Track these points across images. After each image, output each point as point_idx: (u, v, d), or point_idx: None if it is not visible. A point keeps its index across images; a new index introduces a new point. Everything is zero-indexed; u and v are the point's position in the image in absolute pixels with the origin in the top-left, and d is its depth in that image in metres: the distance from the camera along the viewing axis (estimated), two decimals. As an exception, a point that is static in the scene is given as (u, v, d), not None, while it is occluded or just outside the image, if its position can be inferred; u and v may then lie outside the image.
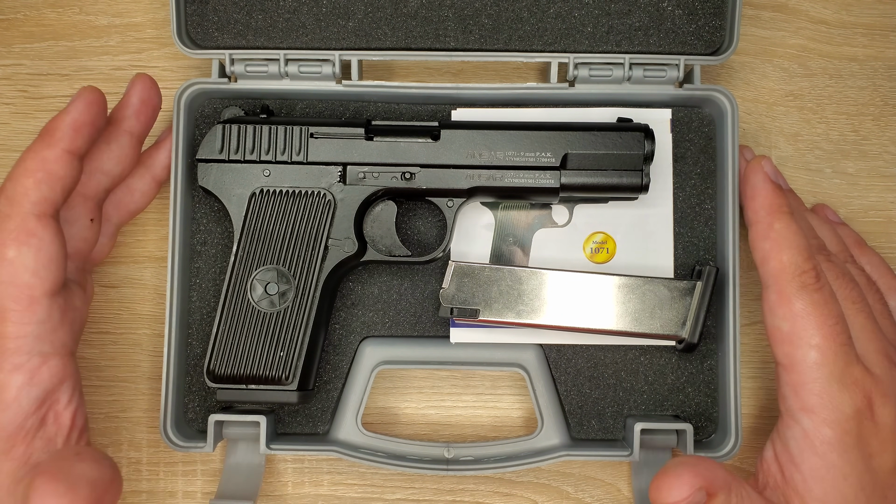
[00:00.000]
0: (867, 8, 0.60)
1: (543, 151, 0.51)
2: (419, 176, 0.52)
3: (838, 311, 0.45)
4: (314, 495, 0.56)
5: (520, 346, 0.55)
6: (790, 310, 0.45)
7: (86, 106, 0.45)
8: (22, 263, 0.42)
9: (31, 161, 0.44)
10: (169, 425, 0.52)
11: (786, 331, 0.45)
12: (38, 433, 0.43)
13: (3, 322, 0.42)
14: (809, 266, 0.45)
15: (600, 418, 0.55)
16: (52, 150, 0.44)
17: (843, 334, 0.45)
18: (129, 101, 0.50)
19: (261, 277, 0.50)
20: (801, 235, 0.46)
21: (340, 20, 0.55)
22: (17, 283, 0.42)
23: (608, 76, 0.55)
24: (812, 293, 0.45)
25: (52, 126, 0.45)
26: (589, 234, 0.55)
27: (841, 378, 0.44)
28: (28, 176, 0.43)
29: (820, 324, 0.44)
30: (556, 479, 0.56)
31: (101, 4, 0.59)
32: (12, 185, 0.43)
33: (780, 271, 0.46)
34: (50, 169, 0.44)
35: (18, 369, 0.42)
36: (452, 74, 0.60)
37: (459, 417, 0.57)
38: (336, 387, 0.55)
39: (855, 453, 0.44)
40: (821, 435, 0.44)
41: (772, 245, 0.46)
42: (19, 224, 0.43)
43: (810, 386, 0.44)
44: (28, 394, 0.42)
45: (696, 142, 0.56)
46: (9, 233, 0.42)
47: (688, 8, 0.55)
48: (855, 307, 0.47)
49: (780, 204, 0.47)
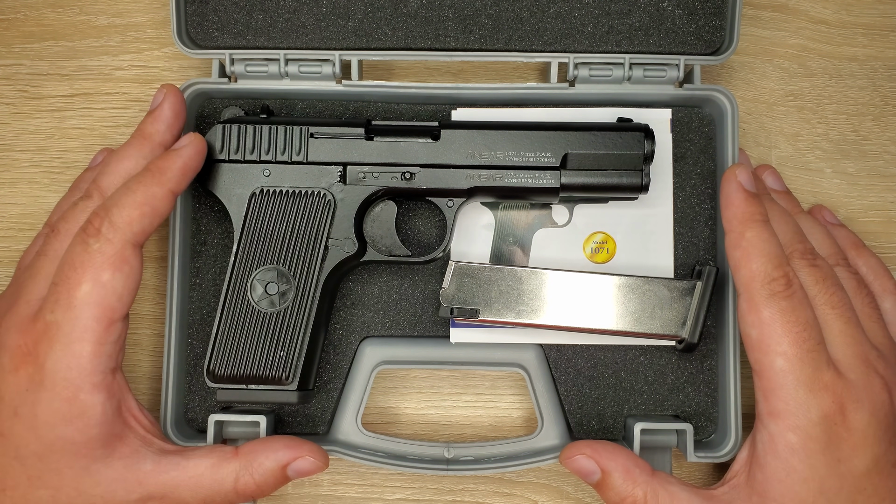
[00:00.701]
0: (867, 8, 0.60)
1: (543, 151, 0.51)
2: (419, 176, 0.52)
3: (807, 316, 0.46)
4: (314, 495, 0.56)
5: (520, 346, 0.55)
6: (758, 317, 0.46)
7: (195, 153, 0.49)
8: (113, 287, 0.45)
9: (141, 195, 0.46)
10: (169, 425, 0.52)
11: (755, 338, 0.46)
12: (130, 433, 0.47)
13: (84, 342, 0.45)
14: (779, 273, 0.46)
15: (600, 418, 0.55)
16: (161, 188, 0.47)
17: (810, 340, 0.45)
18: (163, 113, 0.51)
19: (261, 277, 0.50)
20: (771, 243, 0.47)
21: (340, 20, 0.55)
22: (104, 304, 0.45)
23: (608, 76, 0.55)
24: (780, 301, 0.45)
25: (164, 166, 0.48)
26: (589, 234, 0.55)
27: (809, 384, 0.45)
28: (136, 208, 0.46)
29: (787, 330, 0.45)
30: (556, 479, 0.56)
31: (101, 4, 0.59)
32: (119, 211, 0.46)
33: (750, 279, 0.46)
34: (155, 205, 0.47)
35: (97, 387, 0.45)
36: (452, 74, 0.60)
37: (459, 417, 0.57)
38: (336, 387, 0.55)
39: (820, 458, 0.45)
40: (784, 440, 0.45)
41: (742, 253, 0.47)
42: (119, 251, 0.45)
43: (778, 392, 0.45)
44: (111, 406, 0.46)
45: (696, 142, 0.56)
46: (108, 257, 0.45)
47: (688, 8, 0.55)
48: (834, 312, 0.47)
49: (752, 213, 0.48)
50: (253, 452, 0.48)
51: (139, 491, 0.46)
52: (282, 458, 0.48)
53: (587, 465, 0.49)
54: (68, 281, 0.45)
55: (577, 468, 0.49)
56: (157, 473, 0.47)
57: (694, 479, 0.56)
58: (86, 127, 0.58)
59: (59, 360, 0.44)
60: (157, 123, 0.50)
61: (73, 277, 0.45)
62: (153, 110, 0.51)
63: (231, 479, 0.47)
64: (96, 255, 0.45)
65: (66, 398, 0.44)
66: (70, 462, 0.45)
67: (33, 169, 0.58)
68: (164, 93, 0.51)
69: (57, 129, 0.58)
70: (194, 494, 0.47)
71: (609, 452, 0.48)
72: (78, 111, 0.58)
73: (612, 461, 0.48)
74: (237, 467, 0.47)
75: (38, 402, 0.44)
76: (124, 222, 0.46)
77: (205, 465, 0.47)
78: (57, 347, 0.44)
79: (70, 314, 0.45)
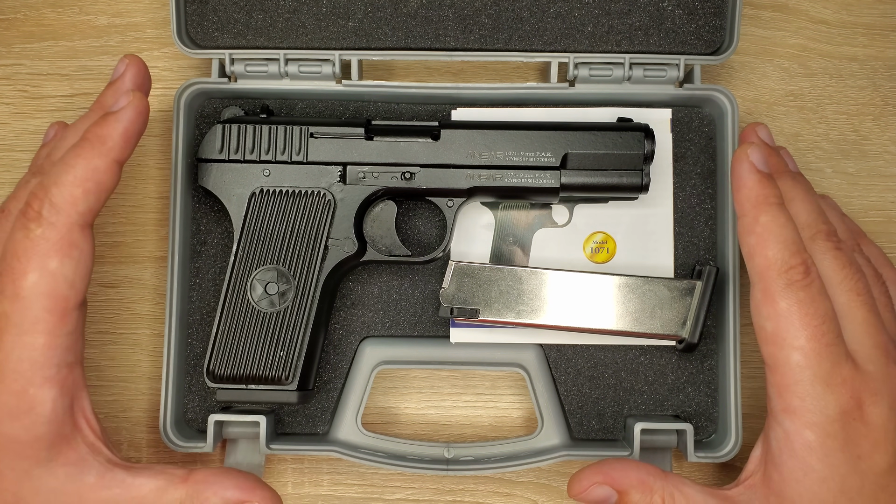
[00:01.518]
0: (867, 8, 0.60)
1: (543, 151, 0.51)
2: (419, 176, 0.52)
3: (826, 308, 0.43)
4: (314, 495, 0.56)
5: (520, 346, 0.55)
6: (774, 309, 0.43)
7: (136, 115, 0.44)
8: (62, 274, 0.42)
9: (81, 169, 0.42)
10: (169, 425, 0.52)
11: (770, 331, 0.44)
12: (79, 437, 0.44)
13: (36, 333, 0.41)
14: (797, 261, 0.43)
15: (600, 418, 0.55)
16: (103, 159, 0.43)
17: (829, 333, 0.43)
18: (124, 84, 0.46)
19: (261, 277, 0.50)
20: (788, 228, 0.44)
21: (340, 20, 0.55)
22: (54, 294, 0.42)
23: (608, 76, 0.55)
24: (798, 291, 0.43)
25: (103, 133, 0.43)
26: (589, 233, 0.55)
27: (826, 379, 0.42)
28: (78, 185, 0.42)
29: (805, 324, 0.42)
30: (556, 479, 0.56)
31: (101, 4, 0.59)
32: (59, 191, 0.42)
33: (766, 268, 0.44)
34: (100, 179, 0.42)
35: (50, 381, 0.42)
36: (452, 74, 0.60)
37: (459, 417, 0.57)
38: (336, 387, 0.55)
39: (839, 456, 0.42)
40: (801, 438, 0.43)
41: (757, 240, 0.44)
42: (65, 234, 0.42)
43: (793, 388, 0.43)
44: (63, 404, 0.43)
45: (697, 141, 0.56)
46: (53, 243, 0.41)
47: (688, 8, 0.55)
48: (859, 300, 0.44)
49: (767, 195, 0.44)
50: (203, 483, 0.44)
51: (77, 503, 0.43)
52: (230, 497, 0.44)
53: (603, 492, 0.46)
54: (13, 271, 0.41)
55: (593, 499, 0.46)
56: (100, 489, 0.43)
57: (694, 478, 0.56)
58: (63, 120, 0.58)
59: (9, 353, 0.41)
60: (117, 95, 0.45)
61: (18, 267, 0.41)
62: (113, 81, 0.47)
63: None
64: (40, 242, 0.41)
65: (15, 392, 0.41)
66: (11, 463, 0.42)
67: (33, 169, 0.58)
68: (126, 63, 0.47)
69: (57, 129, 0.58)
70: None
71: (620, 471, 0.46)
72: (78, 111, 0.58)
73: (626, 479, 0.45)
74: (183, 496, 0.44)
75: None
76: (67, 203, 0.41)
77: (150, 487, 0.44)
78: (6, 339, 0.41)
79: (18, 305, 0.41)
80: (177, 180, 0.53)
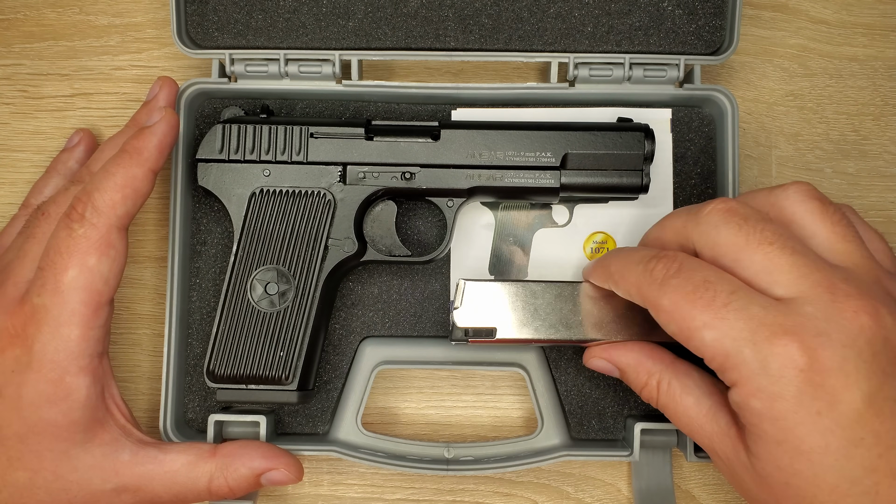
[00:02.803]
0: (867, 8, 0.60)
1: (543, 151, 0.51)
2: (419, 176, 0.51)
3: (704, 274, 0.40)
4: (314, 495, 0.56)
5: (520, 347, 0.55)
6: (664, 311, 0.41)
7: (169, 129, 0.49)
8: (99, 272, 0.45)
9: (121, 177, 0.47)
10: (169, 425, 0.52)
11: (676, 330, 0.41)
12: (111, 420, 0.48)
13: (73, 325, 0.45)
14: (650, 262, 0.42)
15: (600, 418, 0.55)
16: (141, 168, 0.47)
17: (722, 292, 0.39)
18: (158, 104, 0.51)
19: (261, 277, 0.50)
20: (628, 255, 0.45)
21: (340, 20, 0.55)
22: (91, 289, 0.45)
23: (608, 76, 0.55)
24: (669, 281, 0.41)
25: (139, 145, 0.48)
26: (589, 233, 0.55)
27: (750, 338, 0.38)
28: (118, 191, 0.46)
29: (692, 301, 0.40)
30: (556, 479, 0.56)
31: (101, 4, 0.59)
32: (101, 196, 0.46)
33: (635, 288, 0.43)
34: (137, 186, 0.47)
35: (84, 370, 0.46)
36: (452, 74, 0.60)
37: (459, 417, 0.57)
38: (336, 387, 0.55)
39: (793, 417, 0.38)
40: (749, 409, 0.39)
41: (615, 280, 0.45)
42: (104, 235, 0.46)
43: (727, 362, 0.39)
44: (95, 391, 0.46)
45: (697, 142, 0.56)
46: (93, 242, 0.45)
47: (688, 8, 0.55)
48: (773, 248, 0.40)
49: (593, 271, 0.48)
50: (230, 456, 0.49)
51: (115, 481, 0.46)
52: (257, 466, 0.49)
53: (603, 365, 0.49)
54: (55, 266, 0.45)
55: (596, 368, 0.49)
56: (134, 465, 0.47)
57: (694, 478, 0.56)
58: (86, 127, 0.58)
59: (47, 343, 0.45)
60: (150, 112, 0.50)
61: (60, 262, 0.45)
62: (149, 101, 0.52)
63: (205, 480, 0.48)
64: (81, 241, 0.45)
65: (52, 380, 0.45)
66: (51, 444, 0.45)
67: (33, 169, 0.58)
68: (161, 85, 0.52)
69: (57, 129, 0.58)
70: (167, 490, 0.47)
71: (622, 351, 0.48)
72: (78, 111, 0.58)
73: (623, 359, 0.47)
74: (212, 468, 0.48)
75: (24, 383, 0.45)
76: (107, 206, 0.46)
77: (181, 462, 0.48)
78: (45, 330, 0.45)
79: (58, 298, 0.45)
80: (177, 180, 0.53)
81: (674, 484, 0.54)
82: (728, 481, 0.45)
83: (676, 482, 0.56)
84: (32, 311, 0.45)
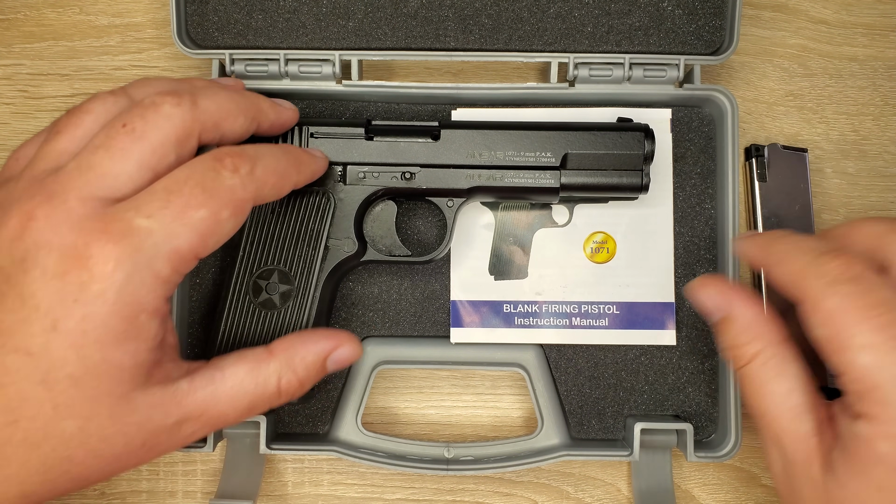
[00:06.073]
0: (867, 8, 0.60)
1: (543, 151, 0.51)
2: (419, 176, 0.51)
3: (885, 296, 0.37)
4: (314, 495, 0.56)
5: (520, 346, 0.55)
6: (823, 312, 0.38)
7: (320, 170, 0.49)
8: (221, 228, 0.41)
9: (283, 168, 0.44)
10: (169, 425, 0.52)
11: (826, 337, 0.38)
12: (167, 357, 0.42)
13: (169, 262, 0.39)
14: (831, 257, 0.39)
15: (600, 418, 0.55)
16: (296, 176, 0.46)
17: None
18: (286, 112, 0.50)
19: (261, 277, 0.50)
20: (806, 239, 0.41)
21: (340, 20, 0.55)
22: (204, 237, 0.41)
23: (608, 76, 0.55)
24: (843, 285, 0.38)
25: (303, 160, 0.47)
26: (589, 233, 0.55)
27: None
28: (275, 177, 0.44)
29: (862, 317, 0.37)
30: (556, 479, 0.56)
31: (101, 4, 0.59)
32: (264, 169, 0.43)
33: (798, 276, 0.40)
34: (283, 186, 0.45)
35: (158, 312, 0.40)
36: (452, 74, 0.60)
37: (459, 417, 0.57)
38: (336, 386, 0.55)
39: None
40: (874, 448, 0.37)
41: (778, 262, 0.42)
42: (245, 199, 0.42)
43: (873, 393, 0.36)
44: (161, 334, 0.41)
45: (697, 141, 0.56)
46: (236, 199, 0.41)
47: (688, 8, 0.55)
48: None
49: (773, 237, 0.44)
50: (290, 349, 0.44)
51: (176, 413, 0.41)
52: (322, 349, 0.45)
53: (712, 304, 0.44)
54: (189, 196, 0.39)
55: (700, 304, 0.45)
56: (194, 391, 0.42)
57: (694, 478, 0.56)
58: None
59: (133, 274, 0.38)
60: (280, 109, 0.48)
61: (197, 197, 0.39)
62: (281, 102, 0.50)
63: (274, 381, 0.44)
64: (225, 190, 0.40)
65: (126, 317, 0.38)
66: (110, 388, 0.39)
67: (33, 169, 0.58)
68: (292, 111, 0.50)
69: (57, 129, 0.58)
70: (235, 406, 0.43)
71: (742, 300, 0.43)
72: (78, 111, 0.58)
73: (741, 309, 0.43)
74: (278, 366, 0.44)
75: (91, 317, 0.37)
76: (261, 180, 0.42)
77: (241, 374, 0.43)
78: (137, 259, 0.38)
79: (170, 229, 0.39)
80: (177, 180, 0.53)
81: (674, 484, 0.54)
82: (771, 474, 0.43)
83: (676, 482, 0.56)
84: (128, 231, 0.38)
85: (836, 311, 0.37)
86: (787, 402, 0.40)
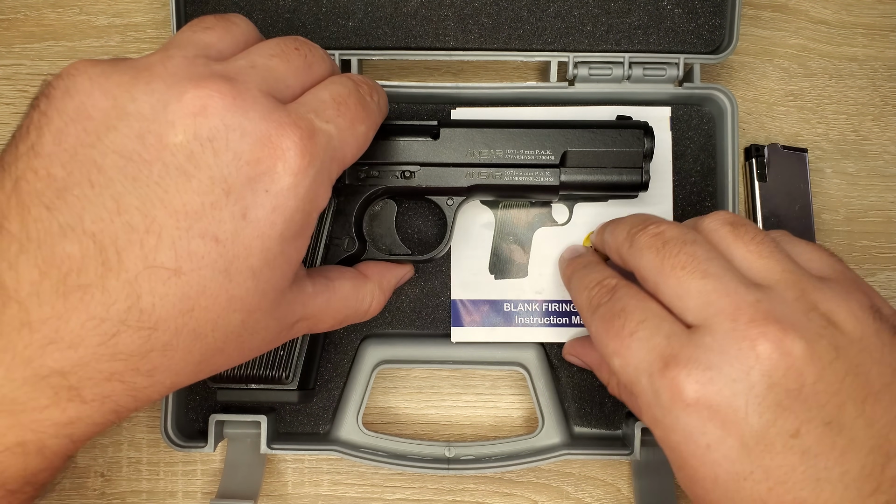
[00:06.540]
0: (867, 8, 0.60)
1: (543, 149, 0.51)
2: (419, 174, 0.51)
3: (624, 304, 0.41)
4: (314, 495, 0.56)
5: (520, 346, 0.55)
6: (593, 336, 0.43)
7: None
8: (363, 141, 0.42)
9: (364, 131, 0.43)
10: (169, 425, 0.52)
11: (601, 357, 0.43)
12: None
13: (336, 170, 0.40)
14: (597, 288, 0.45)
15: (600, 417, 0.55)
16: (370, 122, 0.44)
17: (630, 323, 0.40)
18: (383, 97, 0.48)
19: (261, 276, 0.50)
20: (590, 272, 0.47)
21: (340, 20, 0.55)
22: (356, 149, 0.42)
23: (608, 75, 0.55)
24: (600, 309, 0.43)
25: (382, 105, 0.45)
26: (589, 232, 0.55)
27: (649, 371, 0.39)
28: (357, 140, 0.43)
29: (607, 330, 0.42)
30: (556, 478, 0.56)
31: (101, 4, 0.59)
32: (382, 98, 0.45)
33: (579, 310, 0.46)
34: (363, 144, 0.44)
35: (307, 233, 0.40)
36: (452, 74, 0.60)
37: (459, 417, 0.57)
38: (337, 386, 0.55)
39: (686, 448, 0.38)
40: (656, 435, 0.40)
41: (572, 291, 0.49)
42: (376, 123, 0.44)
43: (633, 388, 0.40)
44: None
45: (696, 139, 0.56)
46: (372, 120, 0.42)
47: (687, 7, 0.55)
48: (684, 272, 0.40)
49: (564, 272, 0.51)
50: (378, 274, 0.50)
51: (300, 312, 0.42)
52: (401, 274, 0.52)
53: (576, 361, 0.54)
54: (355, 111, 0.41)
55: (572, 362, 0.54)
56: (316, 295, 0.43)
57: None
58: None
59: (319, 173, 0.38)
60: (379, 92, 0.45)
61: (359, 112, 0.41)
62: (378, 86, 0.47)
63: (369, 299, 0.48)
64: (372, 112, 0.42)
65: (307, 213, 0.38)
66: (277, 283, 0.38)
67: (33, 169, 0.58)
68: None
69: (57, 128, 0.58)
70: (336, 315, 0.45)
71: (588, 349, 0.53)
72: (78, 111, 0.58)
73: (589, 357, 0.52)
74: (373, 287, 0.49)
75: (280, 209, 0.36)
76: (384, 112, 0.45)
77: (348, 287, 0.47)
78: (324, 157, 0.38)
79: (343, 137, 0.40)
80: (177, 179, 0.53)
81: (674, 484, 0.54)
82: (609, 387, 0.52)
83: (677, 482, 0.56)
84: (315, 131, 0.38)
85: (595, 332, 0.43)
86: None
